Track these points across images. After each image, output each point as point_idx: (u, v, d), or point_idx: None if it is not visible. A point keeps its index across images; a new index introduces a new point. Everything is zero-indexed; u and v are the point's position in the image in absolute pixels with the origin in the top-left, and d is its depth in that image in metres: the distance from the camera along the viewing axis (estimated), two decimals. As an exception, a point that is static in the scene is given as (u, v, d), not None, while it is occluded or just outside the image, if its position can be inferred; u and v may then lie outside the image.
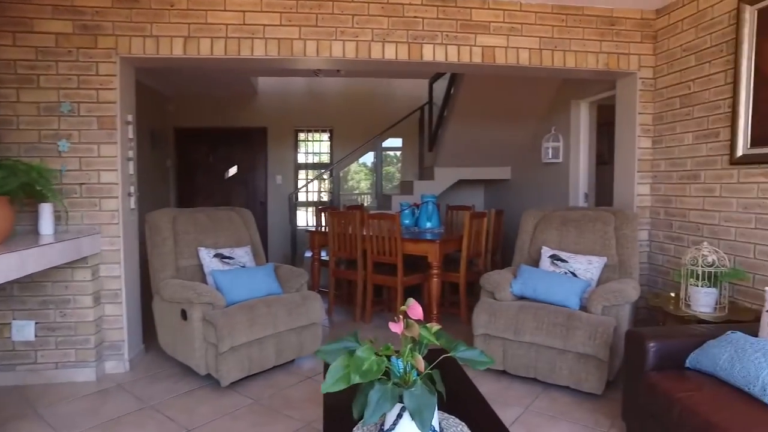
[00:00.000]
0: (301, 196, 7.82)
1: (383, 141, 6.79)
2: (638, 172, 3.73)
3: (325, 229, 5.01)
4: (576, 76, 3.90)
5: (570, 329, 2.89)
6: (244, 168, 7.67)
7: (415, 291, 4.65)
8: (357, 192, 8.63)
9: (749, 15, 2.92)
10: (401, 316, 1.56)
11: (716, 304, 2.84)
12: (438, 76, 6.03)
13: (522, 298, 3.33)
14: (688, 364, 2.23)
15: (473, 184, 7.15)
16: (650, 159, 3.74)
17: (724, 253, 2.92)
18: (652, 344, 2.27)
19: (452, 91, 5.43)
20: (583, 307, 3.09)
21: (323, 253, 5.07)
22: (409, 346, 1.50)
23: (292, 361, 3.44)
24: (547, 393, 2.99)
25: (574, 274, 3.33)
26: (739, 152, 3.01)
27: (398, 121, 6.52)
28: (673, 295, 3.19)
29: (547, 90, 5.15)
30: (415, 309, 1.54)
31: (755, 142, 2.93)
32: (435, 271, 4.15)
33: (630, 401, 2.40)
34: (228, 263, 3.51)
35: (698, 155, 3.31)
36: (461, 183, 6.57)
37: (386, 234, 4.23)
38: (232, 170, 7.67)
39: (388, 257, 4.27)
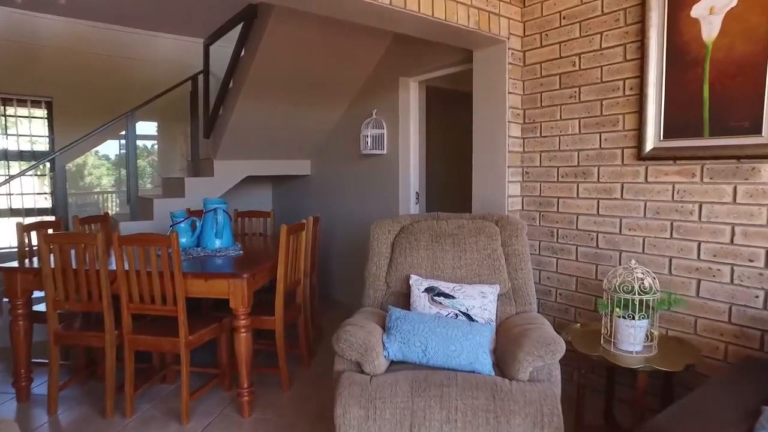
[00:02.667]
0: (-2, 201, 5.03)
1: (136, 122, 4.66)
2: (509, 167, 2.89)
3: (40, 260, 2.87)
4: (435, 36, 2.83)
5: (501, 415, 1.78)
6: None
7: (206, 347, 2.99)
8: (98, 191, 6.15)
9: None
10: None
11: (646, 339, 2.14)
12: (218, 35, 4.32)
13: (401, 363, 2.10)
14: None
15: (260, 182, 5.63)
16: (520, 151, 2.95)
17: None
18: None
19: (242, 56, 3.83)
20: (497, 369, 2.04)
21: (39, 301, 2.92)
22: None
23: None
24: None
25: (468, 316, 2.26)
26: (649, 145, 2.36)
27: (161, 93, 4.53)
28: (578, 326, 2.42)
29: (364, 62, 4.03)
30: None
31: (670, 132, 2.30)
32: (243, 322, 2.59)
33: None
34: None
35: (589, 148, 2.61)
36: (248, 181, 4.99)
37: (155, 268, 2.47)
38: None
39: (159, 306, 2.51)
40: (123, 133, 4.73)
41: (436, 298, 2.30)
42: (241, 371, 2.60)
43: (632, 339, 2.12)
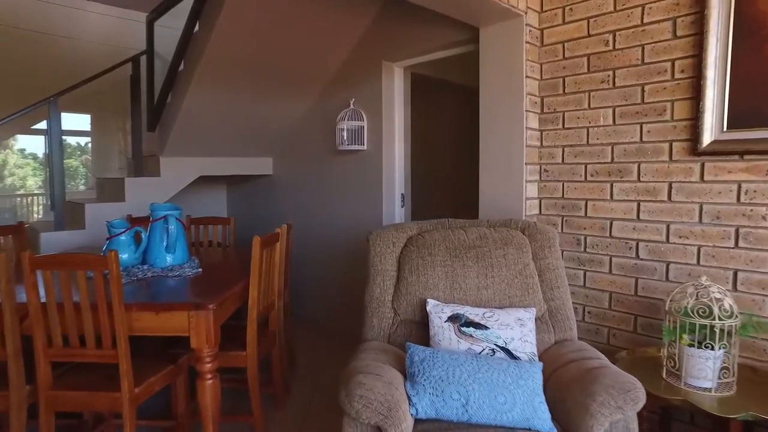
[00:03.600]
0: None
1: (63, 111, 3.85)
2: (527, 164, 2.44)
3: None
4: (439, 3, 2.33)
5: (584, 501, 1.31)
6: None
7: (161, 395, 2.34)
8: (22, 193, 5.22)
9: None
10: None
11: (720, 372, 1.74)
12: (165, 8, 3.61)
13: (433, 421, 1.58)
14: None
15: (213, 183, 4.93)
16: (537, 146, 2.50)
17: (671, 280, 1.86)
18: None
19: (196, 32, 3.17)
20: (556, 424, 1.56)
21: None
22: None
23: None
24: None
25: (507, 351, 1.77)
26: (707, 137, 1.96)
27: (94, 76, 3.74)
28: (624, 354, 1.99)
29: (341, 43, 3.46)
30: None
31: (736, 122, 1.91)
32: (208, 365, 1.97)
33: None
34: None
35: (626, 141, 2.19)
36: (198, 182, 4.30)
37: (86, 298, 1.81)
38: None
39: (92, 351, 1.85)
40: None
41: (464, 329, 1.79)
42: (207, 428, 1.99)
43: (707, 372, 1.71)
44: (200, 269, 2.53)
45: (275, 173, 4.38)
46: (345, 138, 3.52)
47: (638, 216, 2.16)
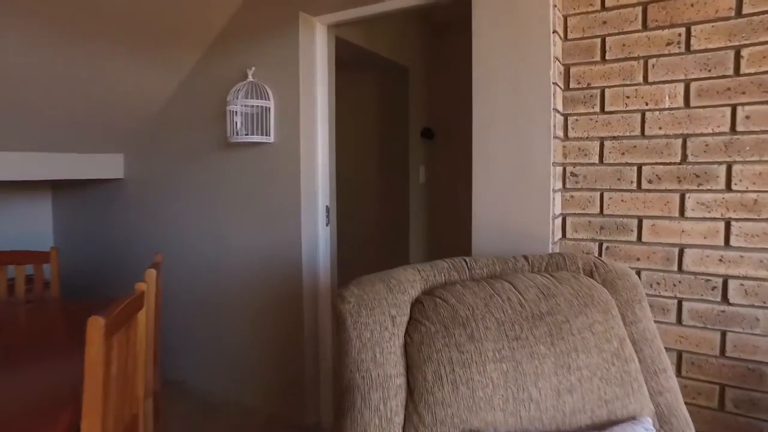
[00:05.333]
0: None
1: None
2: (554, 164, 1.60)
3: None
4: None
5: None
6: None
7: None
8: None
9: None
10: None
11: None
12: None
13: None
14: None
15: (30, 190, 3.31)
16: (560, 137, 1.68)
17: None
18: None
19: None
20: None
21: None
22: None
23: None
24: None
25: None
26: None
27: None
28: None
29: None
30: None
31: None
32: None
33: None
34: None
35: (708, 132, 1.45)
36: (7, 188, 2.74)
37: None
38: None
39: None
40: None
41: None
42: None
43: None
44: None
45: (129, 177, 2.98)
46: (239, 125, 2.36)
47: (727, 241, 1.45)
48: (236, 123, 2.36)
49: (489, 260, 1.29)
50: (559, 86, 1.60)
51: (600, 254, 1.63)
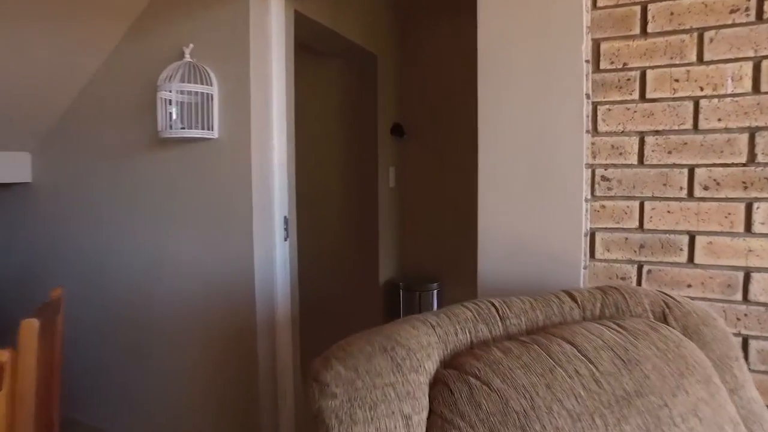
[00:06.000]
0: None
1: None
2: (588, 166, 1.24)
3: None
4: None
5: None
6: None
7: None
8: None
9: None
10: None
11: None
12: None
13: None
14: None
15: None
16: (588, 134, 1.32)
17: None
18: None
19: None
20: None
21: None
22: None
23: None
24: None
25: None
26: None
27: None
28: None
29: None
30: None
31: None
32: None
33: None
34: None
35: (785, 124, 1.15)
36: None
37: None
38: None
39: None
40: None
41: None
42: None
43: None
44: None
45: (38, 181, 2.41)
46: (174, 116, 1.88)
47: (809, 264, 1.14)
48: (170, 114, 1.88)
49: (525, 303, 0.90)
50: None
51: (639, 281, 1.29)
